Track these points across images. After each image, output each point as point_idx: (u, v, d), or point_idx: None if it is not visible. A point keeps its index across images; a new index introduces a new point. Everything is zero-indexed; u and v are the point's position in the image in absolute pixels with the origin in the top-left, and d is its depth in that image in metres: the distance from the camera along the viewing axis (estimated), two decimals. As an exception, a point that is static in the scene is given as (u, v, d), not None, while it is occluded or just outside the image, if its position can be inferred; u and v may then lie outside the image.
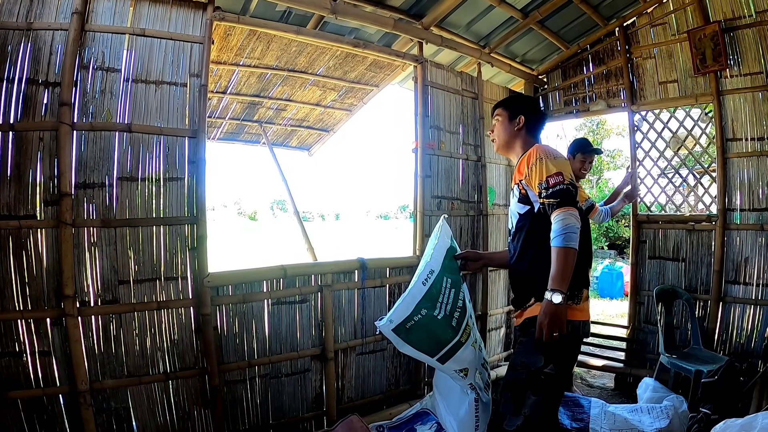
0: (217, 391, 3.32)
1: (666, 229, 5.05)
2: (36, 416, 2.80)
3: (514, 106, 2.76)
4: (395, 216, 67.16)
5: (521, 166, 2.52)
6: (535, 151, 2.46)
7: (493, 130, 2.81)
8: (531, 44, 5.61)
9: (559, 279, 2.21)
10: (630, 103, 5.31)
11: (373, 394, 4.22)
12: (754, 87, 4.43)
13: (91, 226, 2.98)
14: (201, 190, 3.32)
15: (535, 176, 2.40)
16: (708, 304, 4.65)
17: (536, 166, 2.41)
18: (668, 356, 4.16)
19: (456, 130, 4.97)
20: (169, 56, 3.28)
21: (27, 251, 2.80)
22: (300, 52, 4.97)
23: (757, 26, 4.39)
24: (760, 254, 4.37)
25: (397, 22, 4.37)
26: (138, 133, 3.13)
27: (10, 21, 2.86)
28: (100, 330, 2.98)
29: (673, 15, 4.93)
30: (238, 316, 3.49)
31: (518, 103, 2.83)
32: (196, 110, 3.34)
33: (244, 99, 5.99)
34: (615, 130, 21.67)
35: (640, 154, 5.34)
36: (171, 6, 3.31)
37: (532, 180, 2.42)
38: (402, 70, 5.51)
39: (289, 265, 3.74)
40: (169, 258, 3.23)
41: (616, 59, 5.43)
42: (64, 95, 2.88)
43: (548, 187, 2.35)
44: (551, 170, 2.36)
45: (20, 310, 2.77)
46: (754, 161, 4.46)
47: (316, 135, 7.40)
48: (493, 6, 4.67)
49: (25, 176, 2.82)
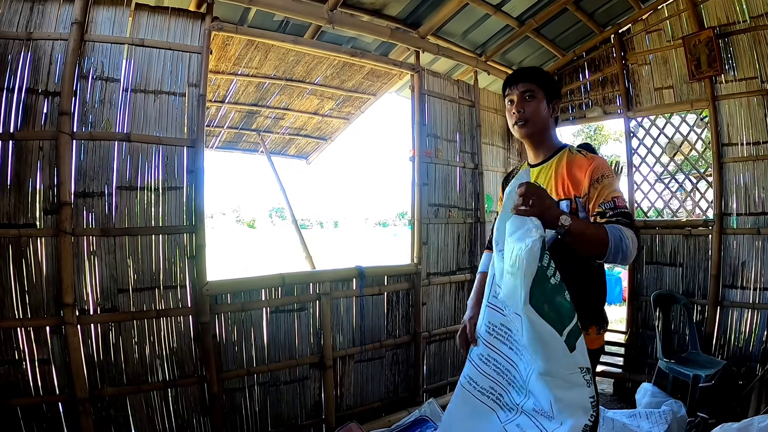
0: (216, 399, 3.32)
1: (663, 235, 5.06)
2: (35, 424, 2.80)
3: (552, 88, 2.27)
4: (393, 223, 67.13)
5: (577, 179, 2.08)
6: (603, 166, 2.06)
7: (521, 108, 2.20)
8: (527, 52, 5.64)
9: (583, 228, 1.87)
10: (626, 110, 5.33)
11: (371, 401, 4.22)
12: (749, 92, 4.46)
13: (91, 235, 2.99)
14: (200, 199, 3.34)
15: (601, 194, 2.01)
16: (706, 308, 4.66)
17: (604, 183, 2.02)
18: (666, 361, 4.17)
19: (453, 138, 5.00)
20: (168, 66, 3.30)
21: (27, 260, 2.82)
22: (298, 61, 5.00)
23: (751, 31, 4.41)
24: (757, 258, 4.38)
25: (394, 32, 4.40)
26: (137, 143, 3.15)
27: (10, 31, 2.89)
28: (100, 338, 2.99)
29: (668, 21, 4.97)
30: (236, 324, 3.51)
31: (555, 86, 2.31)
32: (195, 120, 3.36)
33: (243, 108, 6.01)
34: (612, 136, 21.72)
35: (637, 160, 5.36)
36: (170, 16, 3.34)
37: (595, 198, 2.02)
38: (399, 79, 5.54)
39: (287, 274, 3.75)
40: (168, 267, 3.24)
41: (612, 66, 5.46)
42: (64, 105, 2.90)
43: (616, 207, 1.97)
44: (619, 191, 2.02)
45: (20, 318, 2.78)
46: (749, 166, 4.47)
47: (314, 143, 7.42)
48: (489, 15, 4.70)
49: (25, 185, 2.84)
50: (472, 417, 2.11)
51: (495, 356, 2.04)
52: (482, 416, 2.07)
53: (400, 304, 4.42)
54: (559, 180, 2.13)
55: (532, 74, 2.24)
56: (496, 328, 2.02)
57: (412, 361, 4.49)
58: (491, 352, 2.05)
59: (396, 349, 4.39)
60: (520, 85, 2.20)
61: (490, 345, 2.05)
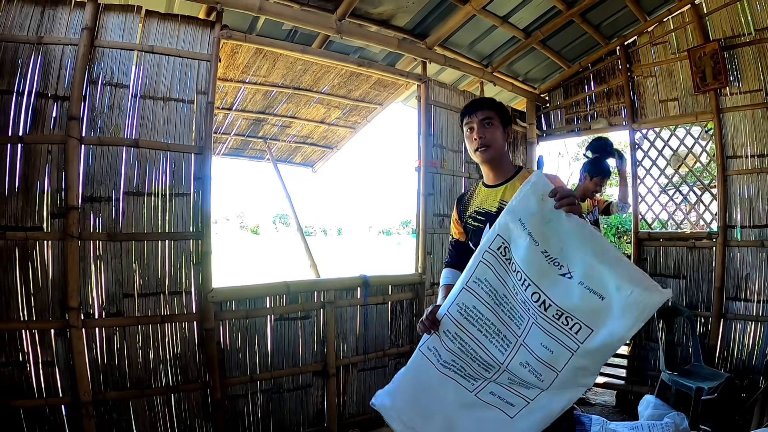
0: (219, 405, 3.33)
1: (667, 247, 5.06)
2: (38, 426, 2.81)
3: (507, 115, 2.51)
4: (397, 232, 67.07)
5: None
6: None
7: (482, 135, 2.40)
8: (533, 63, 5.67)
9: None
10: (631, 122, 5.35)
11: (374, 410, 4.21)
12: (754, 104, 4.46)
13: (97, 240, 3.01)
14: (206, 206, 3.36)
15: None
16: (709, 320, 4.64)
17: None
18: (669, 373, 4.15)
19: (459, 148, 5.01)
20: (177, 73, 3.33)
21: (33, 262, 2.84)
22: (305, 70, 5.03)
23: (756, 44, 4.43)
24: (761, 271, 4.37)
25: (401, 42, 4.43)
26: (145, 149, 3.18)
27: (21, 35, 2.93)
28: (104, 342, 3.01)
29: (674, 34, 4.99)
30: (241, 331, 3.52)
31: (508, 114, 2.57)
32: (203, 127, 3.39)
33: (250, 116, 6.04)
34: (617, 146, 21.69)
35: (641, 171, 5.37)
36: (179, 24, 3.37)
37: None
38: (406, 89, 5.56)
39: (292, 282, 3.77)
40: (174, 272, 3.26)
41: (617, 78, 5.48)
42: (73, 109, 2.94)
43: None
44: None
45: (25, 320, 2.81)
46: (754, 178, 4.48)
47: (320, 152, 7.44)
48: (496, 26, 4.73)
49: (33, 188, 2.87)
50: (426, 383, 2.24)
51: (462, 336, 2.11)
52: (440, 384, 2.20)
53: (403, 314, 4.42)
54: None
55: (490, 103, 2.48)
56: (468, 310, 2.09)
57: (414, 370, 4.47)
58: (459, 331, 2.12)
59: (399, 359, 4.38)
60: (479, 113, 2.41)
61: (459, 324, 2.11)
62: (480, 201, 2.53)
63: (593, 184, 4.48)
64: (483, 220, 2.47)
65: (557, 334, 1.90)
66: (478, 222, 2.50)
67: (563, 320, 1.88)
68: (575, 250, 1.87)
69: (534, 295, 1.92)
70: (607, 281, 1.79)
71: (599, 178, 4.49)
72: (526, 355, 1.99)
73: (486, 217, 2.46)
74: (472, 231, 2.52)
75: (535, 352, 1.96)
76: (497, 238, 2.03)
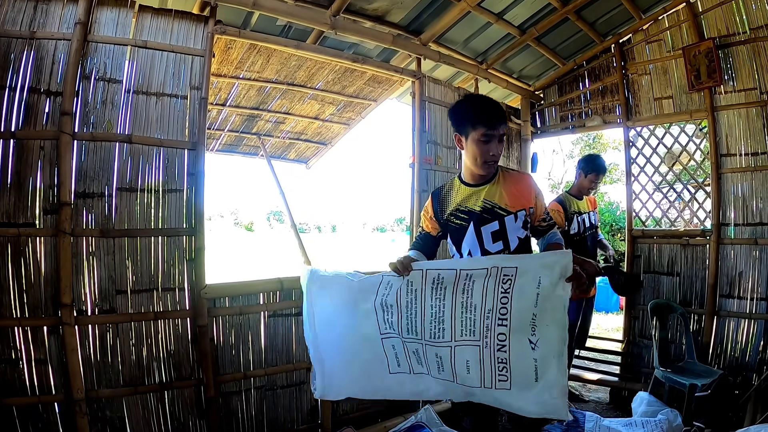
0: (213, 403, 3.32)
1: (661, 244, 5.07)
2: (31, 424, 2.80)
3: None
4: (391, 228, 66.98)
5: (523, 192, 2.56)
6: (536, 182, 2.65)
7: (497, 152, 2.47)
8: (528, 60, 5.67)
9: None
10: (625, 119, 5.35)
11: (368, 407, 4.20)
12: (748, 103, 4.48)
13: (90, 236, 2.99)
14: (200, 202, 3.34)
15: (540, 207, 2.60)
16: (702, 318, 4.67)
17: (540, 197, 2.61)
18: (663, 370, 4.17)
19: (453, 145, 4.98)
20: (171, 68, 3.31)
21: (25, 259, 2.82)
22: (299, 66, 5.02)
23: (751, 43, 4.44)
24: (754, 268, 4.39)
25: (396, 38, 4.42)
26: (138, 144, 3.16)
27: (14, 29, 2.90)
28: (97, 339, 2.99)
29: (668, 32, 4.99)
30: (234, 327, 3.50)
31: None
32: (196, 122, 3.37)
33: (244, 111, 6.02)
34: (611, 144, 21.70)
35: (635, 169, 5.38)
36: (173, 19, 3.35)
37: (539, 210, 2.60)
38: (400, 85, 5.56)
39: (285, 278, 3.75)
40: (167, 269, 3.24)
41: (612, 75, 5.48)
42: (66, 105, 2.91)
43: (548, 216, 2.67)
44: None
45: (17, 317, 2.79)
46: (748, 176, 4.49)
47: (314, 148, 7.43)
48: (491, 23, 4.73)
49: (25, 184, 2.84)
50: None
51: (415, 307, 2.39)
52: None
53: (397, 310, 4.40)
54: (511, 195, 2.52)
55: (505, 116, 2.53)
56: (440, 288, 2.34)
57: (408, 367, 4.46)
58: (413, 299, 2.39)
59: (393, 355, 4.38)
60: (501, 128, 2.46)
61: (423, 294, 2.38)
62: (461, 199, 2.60)
63: (588, 182, 4.54)
64: (466, 219, 2.56)
65: (487, 368, 2.24)
66: (461, 220, 2.58)
67: (501, 365, 2.21)
68: (553, 335, 2.14)
69: (500, 335, 2.20)
70: (550, 375, 2.14)
71: (594, 175, 4.53)
72: (446, 353, 2.33)
73: (469, 216, 2.55)
74: (453, 229, 2.62)
75: (455, 359, 2.31)
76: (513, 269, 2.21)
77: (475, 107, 2.49)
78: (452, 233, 2.63)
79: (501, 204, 2.51)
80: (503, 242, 2.51)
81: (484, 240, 2.52)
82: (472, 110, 2.48)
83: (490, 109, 2.46)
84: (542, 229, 2.65)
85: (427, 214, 2.73)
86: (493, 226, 2.51)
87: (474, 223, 2.54)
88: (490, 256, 2.42)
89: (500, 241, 2.51)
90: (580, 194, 4.71)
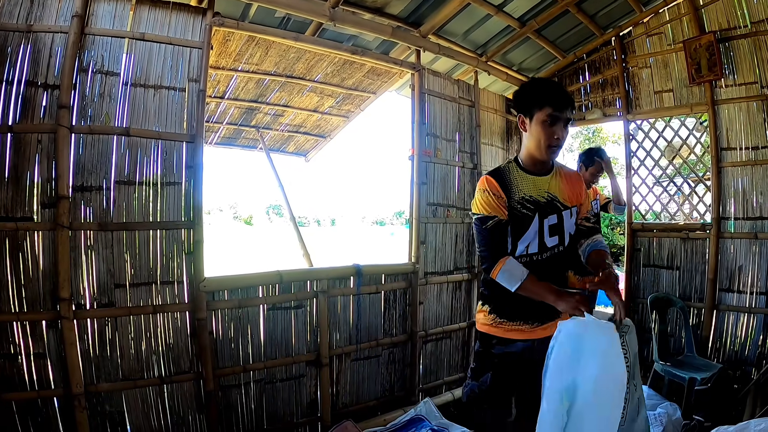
0: (212, 396, 3.31)
1: (660, 238, 5.07)
2: (30, 418, 2.79)
3: None
4: (391, 222, 67.03)
5: (577, 188, 2.55)
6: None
7: (562, 136, 2.37)
8: (528, 53, 5.64)
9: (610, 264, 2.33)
10: (626, 112, 5.34)
11: (367, 400, 4.22)
12: (748, 97, 4.47)
13: (88, 229, 2.98)
14: (198, 195, 3.32)
15: (587, 203, 2.58)
16: (702, 312, 4.67)
17: (587, 194, 2.59)
18: (662, 364, 4.17)
19: (452, 137, 4.99)
20: (168, 61, 3.29)
21: (23, 253, 2.80)
22: (298, 58, 5.00)
23: (752, 36, 4.43)
24: (754, 262, 4.40)
25: (395, 30, 4.39)
26: (136, 137, 3.14)
27: (10, 23, 2.87)
28: (96, 333, 2.98)
29: (669, 25, 4.97)
30: (233, 321, 3.49)
31: None
32: (195, 115, 3.35)
33: (242, 104, 6.01)
34: (611, 138, 21.71)
35: (636, 162, 5.37)
36: (171, 11, 3.32)
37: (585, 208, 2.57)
38: (399, 78, 5.53)
39: (285, 271, 3.74)
40: (166, 262, 3.23)
41: (612, 68, 5.47)
42: (63, 98, 2.89)
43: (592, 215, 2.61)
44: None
45: (16, 312, 2.77)
46: (748, 170, 4.49)
47: (313, 141, 7.42)
48: (491, 15, 4.70)
49: (23, 178, 2.82)
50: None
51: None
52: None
53: (397, 303, 4.41)
54: (569, 189, 2.49)
55: (573, 101, 2.41)
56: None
57: (408, 360, 4.48)
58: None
59: (392, 348, 4.38)
60: (569, 112, 2.35)
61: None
62: (526, 187, 2.44)
63: (589, 174, 4.53)
64: (532, 209, 2.42)
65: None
66: (527, 210, 2.42)
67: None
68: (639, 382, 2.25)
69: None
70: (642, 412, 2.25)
71: (594, 167, 4.51)
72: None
73: (535, 207, 2.43)
74: (518, 218, 2.40)
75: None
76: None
77: (544, 87, 2.39)
78: (515, 222, 2.41)
79: (561, 198, 2.46)
80: (559, 237, 2.45)
81: (544, 233, 2.43)
82: (540, 90, 2.38)
83: (558, 89, 2.38)
84: (584, 229, 2.57)
85: (496, 196, 2.39)
86: (552, 219, 2.44)
87: (540, 214, 2.42)
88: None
89: (557, 236, 2.44)
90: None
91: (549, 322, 2.42)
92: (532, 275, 2.31)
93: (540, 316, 2.44)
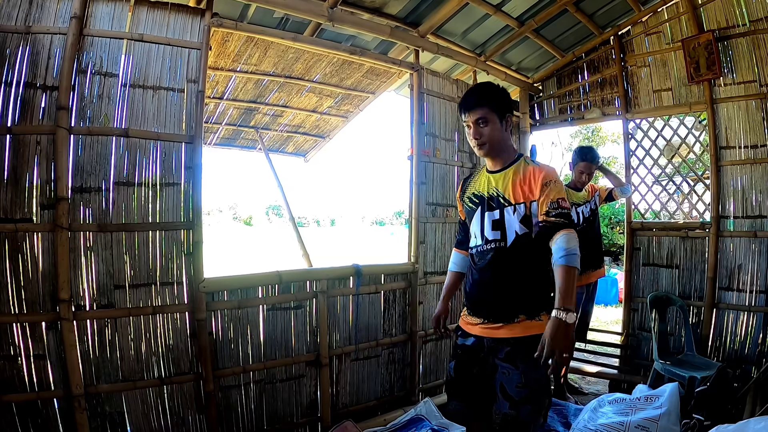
0: (212, 397, 3.31)
1: (660, 237, 5.08)
2: (30, 420, 2.79)
3: (503, 105, 2.51)
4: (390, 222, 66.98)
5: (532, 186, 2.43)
6: (552, 174, 2.43)
7: (478, 134, 2.47)
8: (526, 52, 5.65)
9: (569, 298, 2.14)
10: (624, 111, 5.35)
11: (367, 400, 4.22)
12: (747, 95, 4.47)
13: (88, 231, 2.97)
14: (197, 195, 3.32)
15: (549, 196, 2.37)
16: (702, 310, 4.68)
17: (551, 187, 2.38)
18: (662, 363, 4.17)
19: (451, 137, 4.99)
20: (167, 62, 3.29)
21: (23, 255, 2.80)
22: (297, 58, 4.99)
23: (750, 35, 4.43)
24: (753, 261, 4.40)
25: (394, 30, 4.39)
26: (135, 138, 3.14)
27: (9, 24, 2.87)
28: (96, 334, 2.98)
29: (668, 24, 4.98)
30: (233, 321, 3.49)
31: (505, 101, 2.54)
32: (193, 116, 3.35)
33: (241, 105, 6.00)
34: (610, 137, 21.72)
35: (635, 161, 5.38)
36: (169, 12, 3.32)
37: (544, 198, 2.38)
38: (398, 78, 5.53)
39: (284, 271, 3.74)
40: (165, 263, 3.23)
41: (611, 67, 5.47)
42: (62, 99, 2.89)
43: (558, 208, 2.34)
44: (562, 193, 2.40)
45: (15, 313, 2.77)
46: (747, 169, 4.49)
47: (312, 141, 7.41)
48: (489, 15, 4.70)
49: (22, 179, 2.82)
50: None
51: None
52: None
53: (396, 303, 4.42)
54: (517, 186, 2.47)
55: (482, 100, 2.48)
56: None
57: (408, 360, 4.48)
58: None
59: (392, 348, 4.38)
60: (472, 114, 2.48)
61: None
62: (480, 185, 2.62)
63: (578, 172, 4.61)
64: (477, 203, 2.61)
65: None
66: (473, 204, 2.63)
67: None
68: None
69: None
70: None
71: (582, 164, 4.64)
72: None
73: (480, 201, 2.59)
74: (467, 210, 2.68)
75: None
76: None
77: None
78: (467, 215, 2.70)
79: (505, 194, 2.49)
80: (501, 233, 2.48)
81: (485, 226, 2.52)
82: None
83: (465, 96, 2.56)
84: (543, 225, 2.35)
85: (458, 196, 2.81)
86: (495, 214, 2.50)
87: (481, 207, 2.57)
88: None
89: (498, 231, 2.48)
90: (577, 186, 4.73)
91: (500, 322, 2.44)
92: (452, 272, 2.98)
93: (486, 313, 2.51)
